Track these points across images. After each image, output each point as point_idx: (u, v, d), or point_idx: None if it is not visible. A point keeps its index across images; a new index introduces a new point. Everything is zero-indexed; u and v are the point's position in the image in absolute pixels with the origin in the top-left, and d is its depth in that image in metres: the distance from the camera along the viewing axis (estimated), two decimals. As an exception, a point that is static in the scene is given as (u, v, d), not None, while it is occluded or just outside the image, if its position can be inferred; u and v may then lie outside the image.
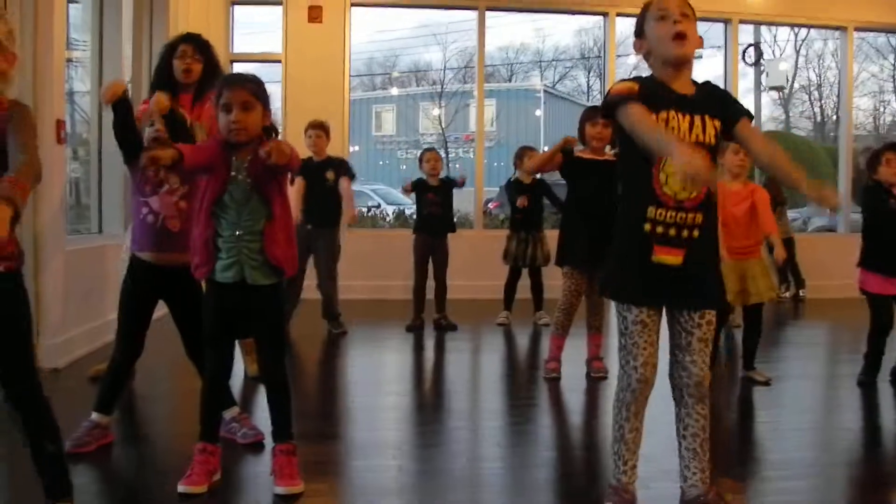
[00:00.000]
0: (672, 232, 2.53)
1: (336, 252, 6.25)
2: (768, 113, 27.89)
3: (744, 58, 23.28)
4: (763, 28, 16.41)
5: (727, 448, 3.76)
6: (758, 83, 24.20)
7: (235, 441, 3.42)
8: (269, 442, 3.05)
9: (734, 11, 9.15)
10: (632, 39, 2.69)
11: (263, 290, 2.91)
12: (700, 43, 2.57)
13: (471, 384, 5.16)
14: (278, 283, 2.96)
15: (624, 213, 2.64)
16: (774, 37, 24.21)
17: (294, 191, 5.83)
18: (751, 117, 2.65)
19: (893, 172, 4.69)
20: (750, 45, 23.24)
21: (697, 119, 2.54)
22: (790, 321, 7.98)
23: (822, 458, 3.63)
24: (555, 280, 5.34)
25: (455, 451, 3.65)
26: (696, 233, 2.55)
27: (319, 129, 6.20)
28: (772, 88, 25.72)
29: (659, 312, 2.63)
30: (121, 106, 3.26)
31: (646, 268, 2.55)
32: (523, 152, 6.97)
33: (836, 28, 9.81)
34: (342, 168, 6.22)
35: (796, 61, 26.48)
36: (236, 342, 3.51)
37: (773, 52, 24.90)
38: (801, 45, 25.78)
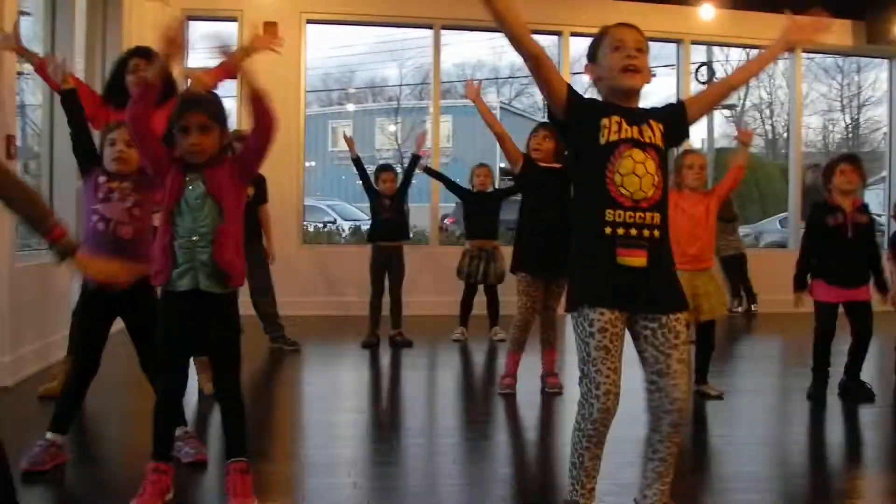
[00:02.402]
0: (633, 232, 2.52)
1: (266, 267, 6.15)
2: (721, 130, 28.34)
3: (696, 76, 23.74)
4: (716, 48, 16.66)
5: (681, 462, 3.80)
6: (710, 101, 24.56)
7: (179, 460, 3.35)
8: (222, 460, 3.01)
9: (685, 32, 9.31)
10: (584, 59, 2.72)
11: (217, 299, 2.91)
12: (649, 77, 2.61)
13: (427, 401, 5.16)
14: (233, 295, 2.96)
15: (581, 219, 2.63)
16: (727, 56, 24.57)
17: None
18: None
19: (846, 181, 4.83)
20: (703, 64, 23.65)
21: (645, 127, 2.58)
22: (742, 335, 8.10)
23: (774, 471, 3.67)
24: (510, 296, 5.36)
25: (411, 468, 3.65)
26: (656, 233, 2.55)
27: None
28: (724, 107, 26.17)
29: (620, 336, 2.57)
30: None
31: (610, 272, 2.53)
32: (474, 171, 7.03)
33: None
34: (261, 187, 6.09)
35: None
36: (191, 360, 3.48)
37: (726, 70, 25.27)
38: (752, 65, 26.24)
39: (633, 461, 2.78)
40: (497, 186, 7.48)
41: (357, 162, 6.76)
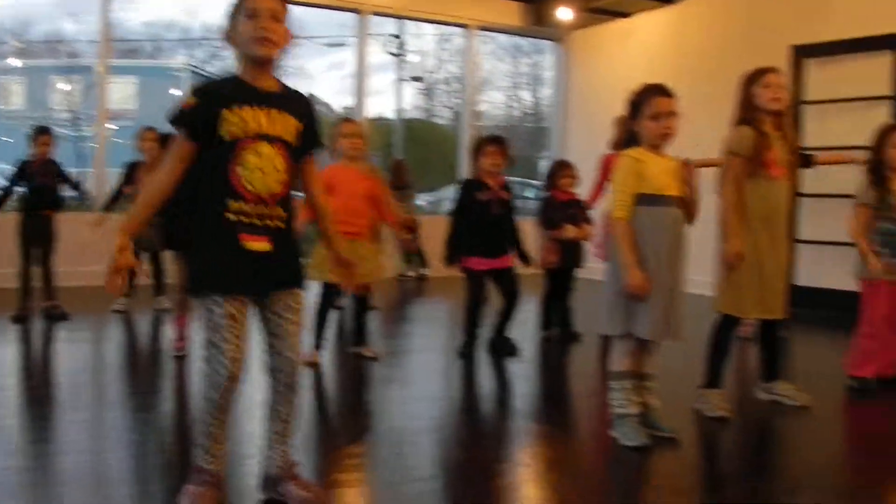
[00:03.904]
0: (257, 222, 2.55)
1: None
2: (412, 101, 29.37)
3: (387, 49, 24.30)
4: (411, 23, 17.09)
5: (339, 422, 3.96)
6: (400, 73, 25.38)
7: None
8: None
9: (364, 3, 9.47)
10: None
11: None
12: (287, 41, 2.59)
13: (88, 375, 4.87)
14: None
15: (204, 206, 2.58)
16: (420, 30, 25.37)
17: None
18: (317, 151, 2.78)
19: (492, 163, 5.14)
20: (393, 37, 24.28)
21: (276, 113, 2.58)
22: (413, 299, 8.49)
23: (427, 424, 3.87)
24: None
25: (71, 444, 3.46)
26: (280, 224, 2.60)
27: None
28: (413, 79, 27.08)
29: (247, 306, 2.62)
30: None
31: (233, 256, 2.54)
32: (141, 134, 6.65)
33: (460, 25, 10.48)
34: None
35: (439, 55, 28.01)
36: None
37: (418, 45, 26.15)
38: (443, 40, 27.32)
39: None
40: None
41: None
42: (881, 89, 7.20)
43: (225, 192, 2.53)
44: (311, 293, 4.91)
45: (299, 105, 2.68)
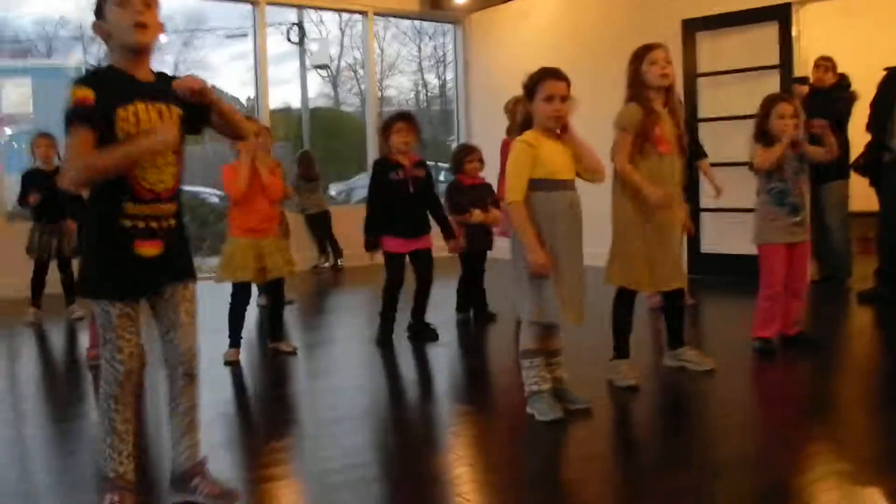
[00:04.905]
0: (153, 224, 2.58)
1: None
2: (317, 90, 29.04)
3: (289, 37, 24.03)
4: (311, 10, 16.87)
5: (262, 418, 4.03)
6: (303, 62, 25.10)
7: None
8: None
9: (258, -7, 9.39)
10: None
11: None
12: (161, 30, 2.60)
13: (4, 390, 4.76)
14: None
15: (97, 208, 2.60)
16: (321, 18, 25.09)
17: None
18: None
19: (402, 140, 5.17)
20: (294, 25, 24.00)
21: (164, 107, 2.60)
22: (330, 290, 8.51)
23: (355, 412, 3.93)
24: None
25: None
26: (173, 222, 2.65)
27: None
28: (316, 67, 26.81)
29: (140, 302, 2.67)
30: None
31: (127, 262, 2.57)
32: (36, 141, 6.50)
33: (359, 13, 10.44)
34: None
35: (342, 41, 27.76)
36: None
37: (321, 32, 25.85)
38: (345, 26, 27.09)
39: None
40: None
41: None
42: (770, 59, 7.47)
43: (121, 192, 2.54)
44: (226, 293, 4.95)
45: (172, 91, 2.67)
